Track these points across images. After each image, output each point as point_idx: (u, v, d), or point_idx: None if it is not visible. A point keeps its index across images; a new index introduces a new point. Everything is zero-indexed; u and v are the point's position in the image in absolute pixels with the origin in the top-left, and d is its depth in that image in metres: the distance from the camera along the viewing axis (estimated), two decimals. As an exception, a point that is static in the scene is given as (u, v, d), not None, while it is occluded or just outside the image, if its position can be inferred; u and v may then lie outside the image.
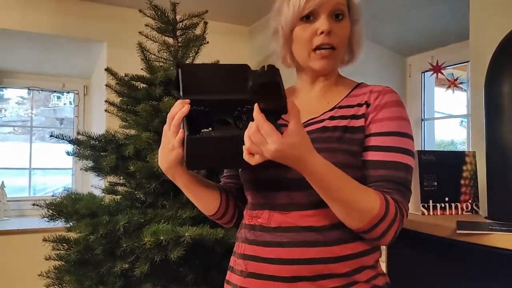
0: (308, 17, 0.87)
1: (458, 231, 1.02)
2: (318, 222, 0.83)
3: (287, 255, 0.82)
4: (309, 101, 0.95)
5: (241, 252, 0.90)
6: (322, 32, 0.86)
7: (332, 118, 0.89)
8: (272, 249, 0.84)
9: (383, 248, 1.69)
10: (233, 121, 0.80)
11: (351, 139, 0.85)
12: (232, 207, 1.00)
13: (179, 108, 0.79)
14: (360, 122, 0.86)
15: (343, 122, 0.87)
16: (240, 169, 0.98)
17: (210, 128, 0.78)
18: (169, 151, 0.83)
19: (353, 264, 0.83)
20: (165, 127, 0.83)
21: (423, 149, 2.58)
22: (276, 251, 0.83)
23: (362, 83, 0.96)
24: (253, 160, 0.72)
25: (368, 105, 0.88)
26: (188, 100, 0.80)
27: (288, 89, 1.02)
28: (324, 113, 0.91)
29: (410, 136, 0.86)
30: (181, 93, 0.83)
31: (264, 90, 0.75)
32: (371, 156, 0.84)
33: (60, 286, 1.79)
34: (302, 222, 0.83)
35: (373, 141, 0.85)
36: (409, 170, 0.85)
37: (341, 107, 0.90)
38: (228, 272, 0.95)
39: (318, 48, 0.88)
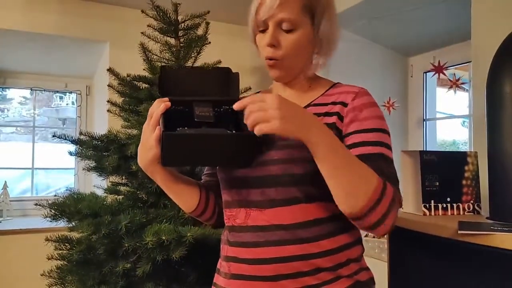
0: (264, 27, 0.90)
1: (459, 232, 1.02)
2: (292, 220, 0.83)
3: (264, 255, 0.83)
4: None
5: (224, 254, 0.92)
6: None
7: None
8: (250, 250, 0.85)
9: (384, 249, 1.68)
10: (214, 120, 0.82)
11: None
12: (212, 204, 1.01)
13: (158, 107, 0.81)
14: (332, 119, 0.87)
15: None
16: (216, 167, 0.99)
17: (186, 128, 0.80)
18: (147, 149, 0.84)
19: (338, 258, 0.84)
20: (145, 125, 0.84)
21: (425, 149, 2.58)
22: (253, 251, 0.84)
23: (338, 83, 0.96)
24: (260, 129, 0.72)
25: (344, 104, 0.88)
26: (166, 99, 0.82)
27: (266, 91, 1.06)
28: None
29: (388, 132, 0.88)
30: (160, 93, 0.86)
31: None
32: (358, 151, 0.84)
33: (62, 285, 1.80)
34: (277, 220, 0.83)
35: (357, 138, 0.85)
36: (392, 163, 0.86)
37: (315, 105, 0.91)
38: (215, 275, 0.96)
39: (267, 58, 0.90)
